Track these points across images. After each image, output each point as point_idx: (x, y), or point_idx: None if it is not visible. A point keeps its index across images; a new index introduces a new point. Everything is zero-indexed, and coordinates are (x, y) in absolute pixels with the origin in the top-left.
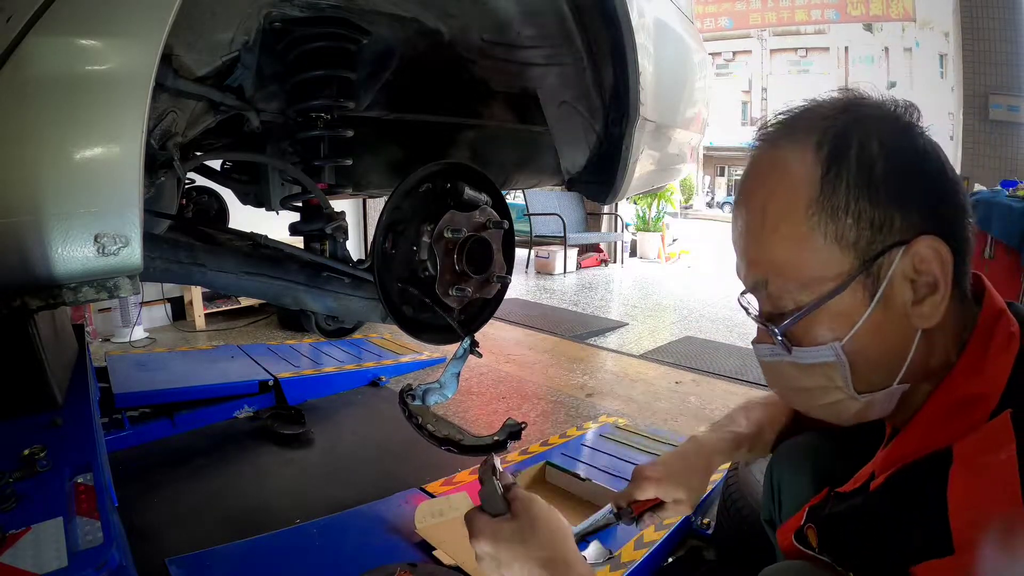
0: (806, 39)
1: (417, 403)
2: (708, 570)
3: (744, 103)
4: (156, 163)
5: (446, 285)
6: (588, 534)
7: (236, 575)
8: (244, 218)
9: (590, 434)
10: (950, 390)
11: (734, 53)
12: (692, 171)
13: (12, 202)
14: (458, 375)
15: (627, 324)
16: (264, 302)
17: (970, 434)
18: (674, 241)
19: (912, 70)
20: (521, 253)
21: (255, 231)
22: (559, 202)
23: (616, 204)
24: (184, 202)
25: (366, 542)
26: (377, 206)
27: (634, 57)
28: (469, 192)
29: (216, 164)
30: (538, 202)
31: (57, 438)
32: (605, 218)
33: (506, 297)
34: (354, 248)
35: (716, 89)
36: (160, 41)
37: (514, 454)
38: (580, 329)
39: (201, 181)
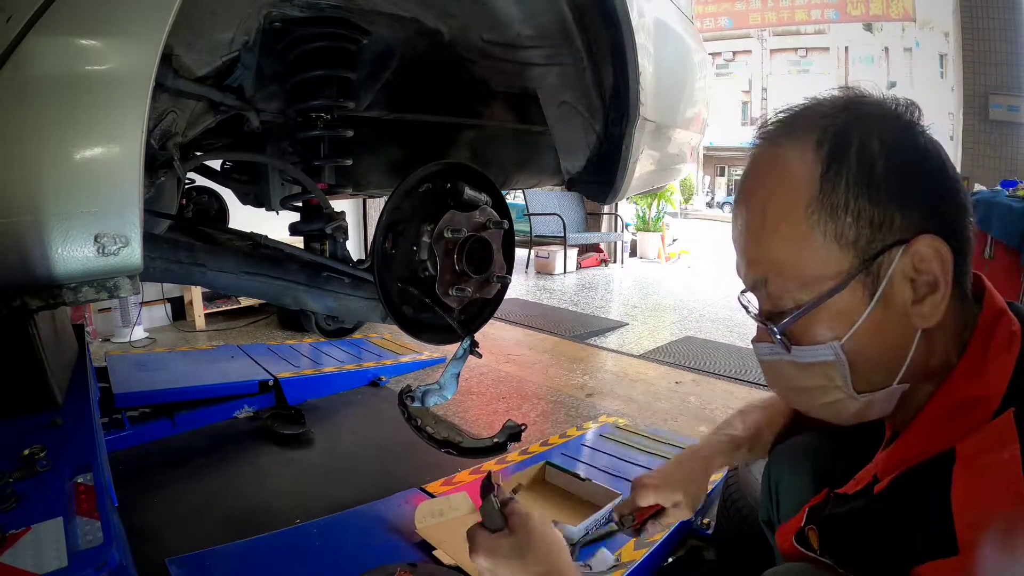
0: (806, 39)
1: (416, 405)
2: (708, 570)
3: (744, 103)
4: (156, 163)
5: (446, 285)
6: (590, 542)
7: (236, 575)
8: (244, 218)
9: (590, 434)
10: (951, 391)
11: (734, 53)
12: (692, 171)
13: (12, 202)
14: (458, 376)
15: (627, 324)
16: (264, 302)
17: (972, 435)
18: (674, 241)
19: (912, 70)
20: (521, 253)
21: (255, 231)
22: (559, 202)
23: (616, 204)
24: (184, 202)
25: (366, 542)
26: (377, 206)
27: (634, 57)
28: (469, 192)
29: (216, 164)
30: (538, 202)
31: (57, 438)
32: (605, 218)
33: (506, 297)
34: (354, 248)
35: (716, 89)
36: (160, 41)
37: (514, 454)
38: (580, 329)
39: (201, 181)
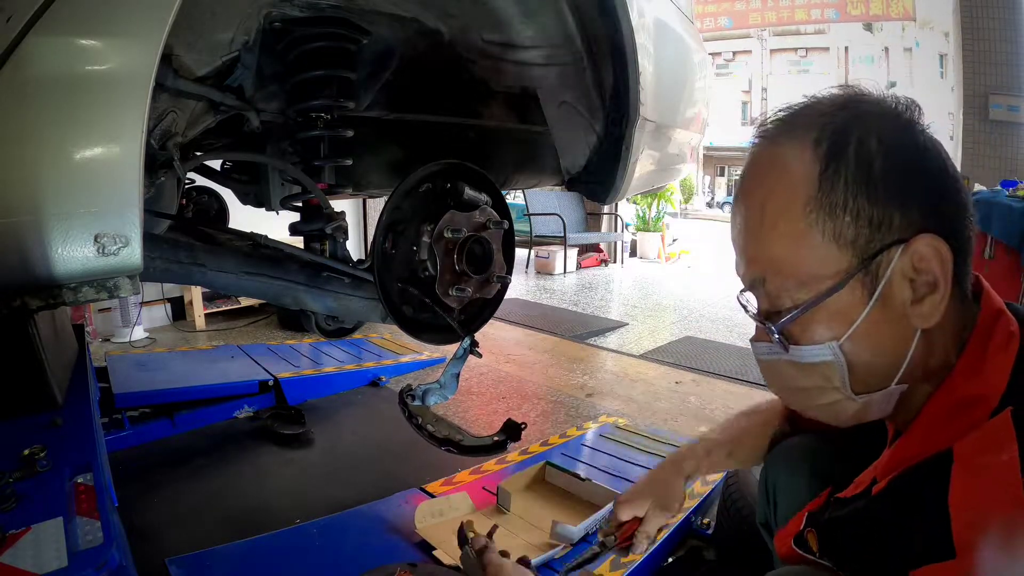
0: (806, 39)
1: (417, 403)
2: (708, 570)
3: (744, 103)
4: (156, 163)
5: (446, 285)
6: (572, 568)
7: (236, 575)
8: (244, 218)
9: (590, 434)
10: (950, 391)
11: (734, 53)
12: (692, 171)
13: (12, 202)
14: (458, 375)
15: (627, 324)
16: (264, 302)
17: (970, 434)
18: (674, 241)
19: (912, 70)
20: (521, 253)
21: (255, 231)
22: (559, 202)
23: (616, 204)
24: (184, 202)
25: (366, 542)
26: (377, 206)
27: (634, 57)
28: (469, 192)
29: (216, 164)
30: (538, 202)
31: (57, 438)
32: (605, 218)
33: (506, 297)
34: (354, 248)
35: (716, 89)
36: (160, 41)
37: (514, 454)
38: (580, 329)
39: (201, 181)
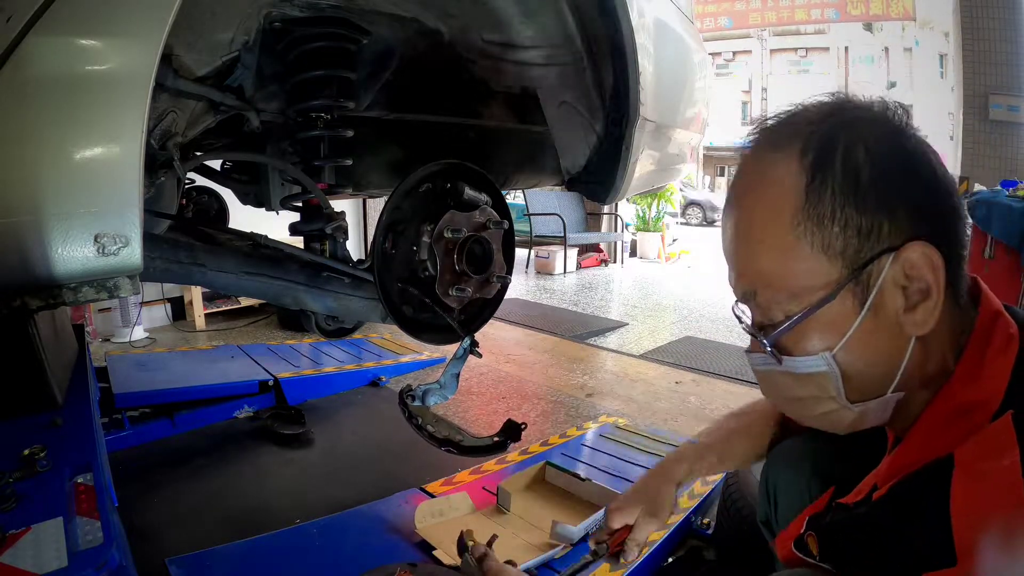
0: (806, 39)
1: (417, 404)
2: (708, 570)
3: (744, 103)
4: (156, 163)
5: (446, 285)
6: None
7: (236, 575)
8: (244, 218)
9: (590, 434)
10: (949, 397)
11: (734, 53)
12: (692, 171)
13: (12, 202)
14: (458, 375)
15: (627, 324)
16: (264, 302)
17: (970, 439)
18: (674, 241)
19: (912, 70)
20: (521, 253)
21: (255, 231)
22: (559, 202)
23: (616, 204)
24: (184, 202)
25: (366, 542)
26: (377, 206)
27: (634, 57)
28: (469, 192)
29: (216, 164)
30: (538, 202)
31: (57, 438)
32: (605, 218)
33: (506, 297)
34: (354, 248)
35: (716, 89)
36: (160, 41)
37: (514, 454)
38: (580, 329)
39: (201, 181)
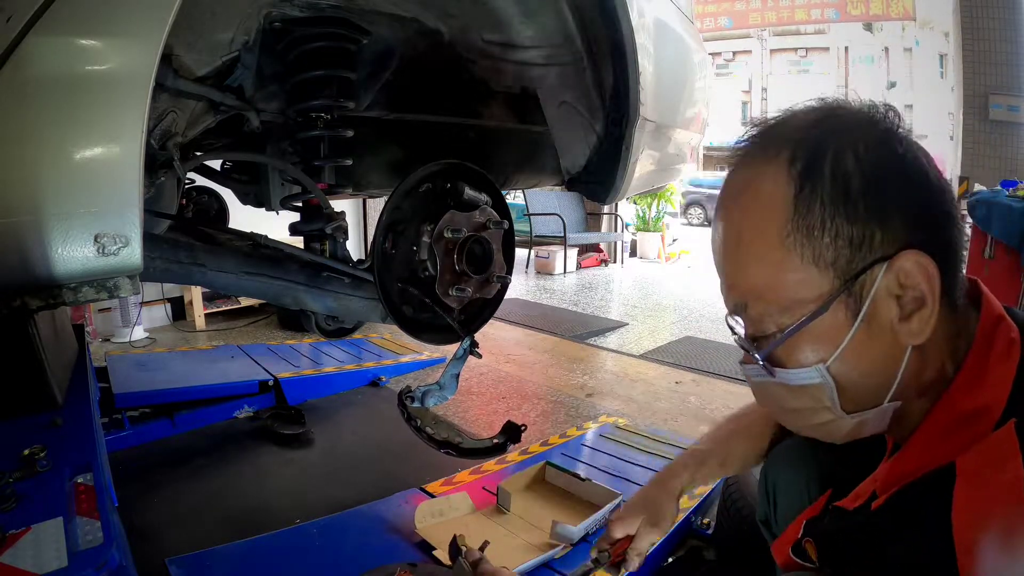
0: (806, 39)
1: (416, 405)
2: (708, 570)
3: (744, 103)
4: (156, 163)
5: (446, 285)
6: None
7: (236, 575)
8: (244, 218)
9: (590, 434)
10: (949, 405)
11: (734, 53)
12: (692, 171)
13: (12, 202)
14: (458, 376)
15: (627, 324)
16: (264, 302)
17: (972, 448)
18: (674, 241)
19: (912, 70)
20: (521, 253)
21: (255, 231)
22: (559, 202)
23: (616, 204)
24: (184, 202)
25: (366, 542)
26: (377, 206)
27: (634, 57)
28: (469, 192)
29: (216, 164)
30: (538, 202)
31: (57, 438)
32: (605, 218)
33: (506, 297)
34: (354, 248)
35: (716, 89)
36: (160, 41)
37: (514, 454)
38: (580, 329)
39: (201, 181)
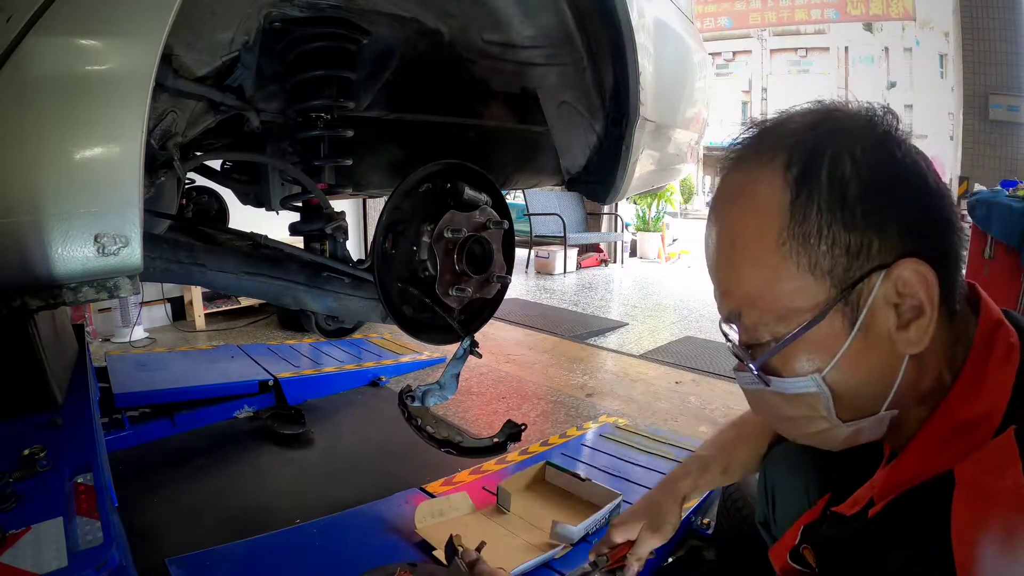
0: (806, 39)
1: (417, 404)
2: (708, 570)
3: (744, 103)
4: (156, 163)
5: (446, 285)
6: None
7: (236, 575)
8: (244, 218)
9: (590, 434)
10: (947, 413)
11: (734, 53)
12: (692, 171)
13: (12, 202)
14: (458, 376)
15: (627, 324)
16: (264, 302)
17: (971, 456)
18: (674, 241)
19: (912, 70)
20: (521, 253)
21: (255, 231)
22: (559, 202)
23: (616, 204)
24: (184, 202)
25: (366, 542)
26: (377, 206)
27: (634, 57)
28: (469, 192)
29: (216, 164)
30: (538, 202)
31: (57, 438)
32: (605, 218)
33: (506, 297)
34: (354, 248)
35: (716, 89)
36: (160, 41)
37: (514, 454)
38: (580, 329)
39: (201, 181)
